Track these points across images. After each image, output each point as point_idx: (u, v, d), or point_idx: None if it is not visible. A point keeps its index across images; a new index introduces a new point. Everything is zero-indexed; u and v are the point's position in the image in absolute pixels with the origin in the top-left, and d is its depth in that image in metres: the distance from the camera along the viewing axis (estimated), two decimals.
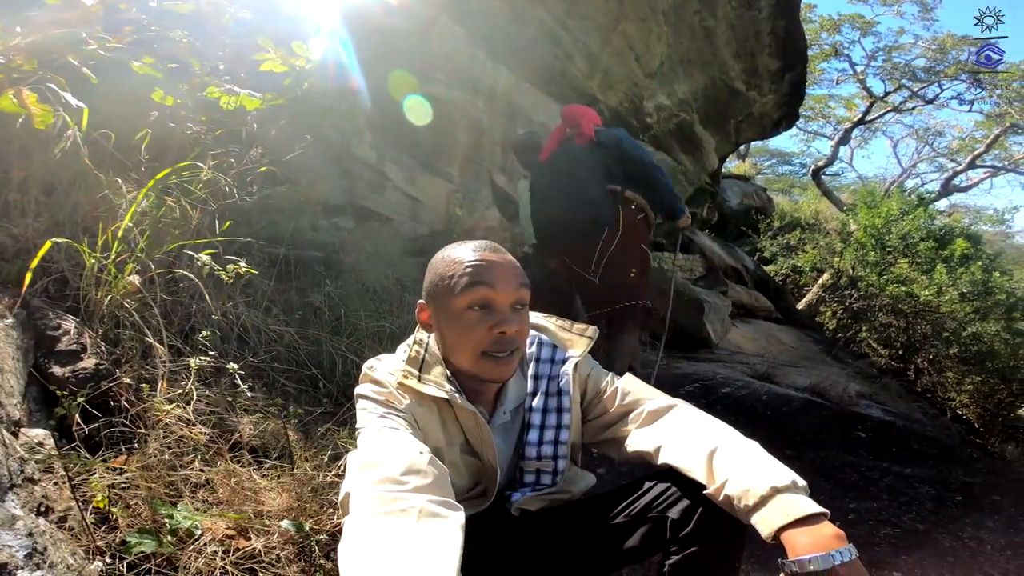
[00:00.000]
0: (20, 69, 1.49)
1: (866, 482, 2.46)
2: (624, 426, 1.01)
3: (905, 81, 14.16)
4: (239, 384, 1.68)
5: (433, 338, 1.00)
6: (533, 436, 1.02)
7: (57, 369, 1.34)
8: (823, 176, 15.12)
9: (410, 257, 3.41)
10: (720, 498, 0.83)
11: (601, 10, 4.97)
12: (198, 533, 1.14)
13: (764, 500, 0.78)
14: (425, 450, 0.83)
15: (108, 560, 1.03)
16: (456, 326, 0.93)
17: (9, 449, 1.00)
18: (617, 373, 1.09)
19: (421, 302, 1.00)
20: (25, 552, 0.84)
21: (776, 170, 20.36)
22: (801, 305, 8.34)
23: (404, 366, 0.96)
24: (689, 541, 0.87)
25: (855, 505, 2.24)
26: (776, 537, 0.76)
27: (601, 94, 5.58)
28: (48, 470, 1.10)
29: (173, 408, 1.46)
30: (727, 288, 6.83)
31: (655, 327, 2.73)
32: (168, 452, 1.32)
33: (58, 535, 0.97)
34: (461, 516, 0.73)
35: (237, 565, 1.13)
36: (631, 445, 0.99)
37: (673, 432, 0.94)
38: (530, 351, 1.07)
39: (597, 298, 2.51)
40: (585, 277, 2.48)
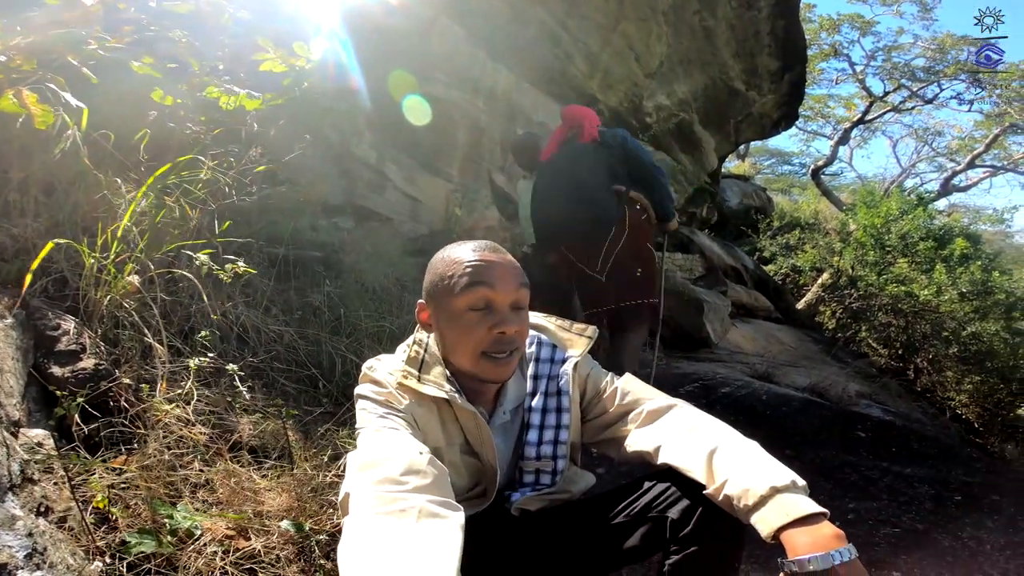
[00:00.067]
0: (20, 69, 1.49)
1: (866, 482, 2.46)
2: (624, 426, 1.01)
3: (904, 81, 14.17)
4: (238, 384, 1.68)
5: (433, 338, 1.00)
6: (532, 436, 1.02)
7: (57, 369, 1.34)
8: (822, 176, 15.12)
9: (410, 257, 3.41)
10: (720, 498, 0.83)
11: (601, 10, 4.97)
12: (198, 533, 1.14)
13: (764, 500, 0.79)
14: (425, 450, 0.83)
15: (108, 560, 1.03)
16: (456, 326, 0.93)
17: (9, 449, 1.00)
18: (624, 371, 1.09)
19: (421, 302, 1.00)
20: (25, 552, 0.84)
21: (776, 170, 20.40)
22: (801, 305, 8.34)
23: (404, 366, 0.96)
24: (689, 541, 0.87)
25: (854, 505, 2.24)
26: (776, 537, 0.76)
27: (601, 94, 5.58)
28: (48, 470, 1.10)
29: (173, 408, 1.46)
30: (727, 288, 6.83)
31: (653, 326, 2.73)
32: (168, 452, 1.32)
33: (58, 535, 0.97)
34: (461, 516, 0.73)
35: (237, 565, 1.13)
36: (631, 445, 0.99)
37: (673, 432, 0.94)
38: (529, 351, 1.07)
39: (598, 297, 2.51)
40: (587, 275, 2.49)
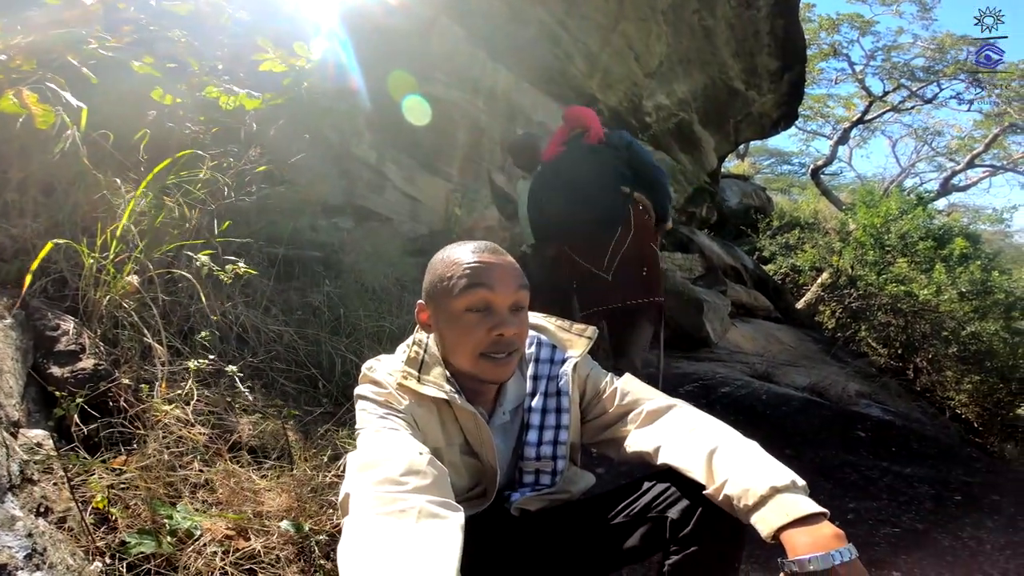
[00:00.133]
0: (20, 69, 1.49)
1: (865, 481, 2.46)
2: (623, 426, 1.01)
3: (904, 80, 14.18)
4: (238, 384, 1.68)
5: (432, 338, 1.00)
6: (532, 436, 1.02)
7: (56, 370, 1.33)
8: (822, 175, 15.12)
9: (409, 257, 3.41)
10: (720, 498, 0.83)
11: (601, 10, 4.97)
12: (198, 534, 1.14)
13: (764, 500, 0.78)
14: (425, 451, 0.83)
15: (108, 561, 1.03)
16: (455, 328, 0.93)
17: (8, 450, 1.00)
18: (631, 366, 1.09)
19: (420, 302, 1.00)
20: (25, 553, 0.84)
21: (775, 169, 20.40)
22: (800, 304, 8.34)
23: (403, 367, 0.96)
24: (689, 541, 0.87)
25: (854, 504, 2.24)
26: (776, 537, 0.76)
27: (600, 94, 5.58)
28: (47, 471, 1.10)
29: (172, 408, 1.46)
30: (726, 287, 6.84)
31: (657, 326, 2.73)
32: (167, 452, 1.32)
33: (58, 536, 0.97)
34: (461, 517, 0.73)
35: (237, 566, 1.13)
36: (630, 445, 0.99)
37: (672, 432, 0.94)
38: (529, 351, 1.07)
39: (601, 296, 2.51)
40: (593, 274, 2.49)
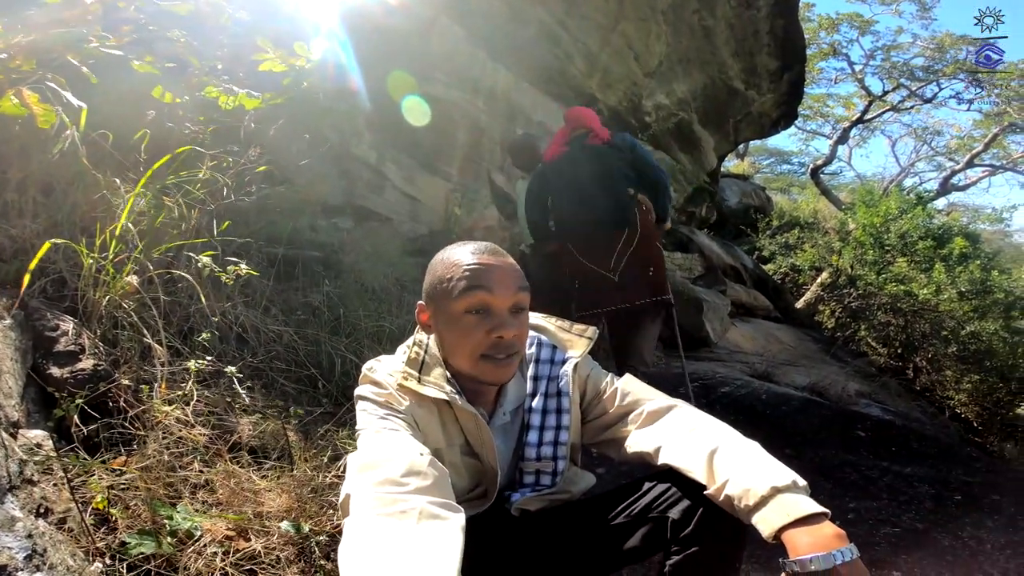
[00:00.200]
0: (19, 69, 1.48)
1: (866, 481, 2.46)
2: (624, 427, 1.01)
3: (903, 80, 14.18)
4: (238, 385, 1.68)
5: (433, 339, 1.00)
6: (533, 437, 1.02)
7: (55, 370, 1.33)
8: (822, 175, 15.12)
9: (409, 257, 3.41)
10: (720, 498, 0.83)
11: (601, 10, 4.97)
12: (198, 534, 1.14)
13: (765, 500, 0.78)
14: (425, 451, 0.82)
15: (108, 561, 1.03)
16: (454, 329, 0.92)
17: (8, 451, 1.00)
18: (640, 363, 1.09)
19: (421, 303, 0.99)
20: (25, 554, 0.84)
21: (775, 169, 20.39)
22: (800, 304, 8.35)
23: (404, 367, 0.96)
24: (690, 541, 0.87)
25: (855, 504, 2.24)
26: (777, 537, 0.76)
27: (600, 93, 5.58)
28: (47, 471, 1.09)
29: (172, 409, 1.45)
30: (726, 287, 6.84)
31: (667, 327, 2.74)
32: (167, 453, 1.32)
33: (58, 536, 0.97)
34: (461, 517, 0.73)
35: (237, 566, 1.13)
36: (631, 446, 0.99)
37: (673, 432, 0.94)
38: (529, 352, 1.06)
39: (603, 297, 2.51)
40: (599, 274, 2.49)
